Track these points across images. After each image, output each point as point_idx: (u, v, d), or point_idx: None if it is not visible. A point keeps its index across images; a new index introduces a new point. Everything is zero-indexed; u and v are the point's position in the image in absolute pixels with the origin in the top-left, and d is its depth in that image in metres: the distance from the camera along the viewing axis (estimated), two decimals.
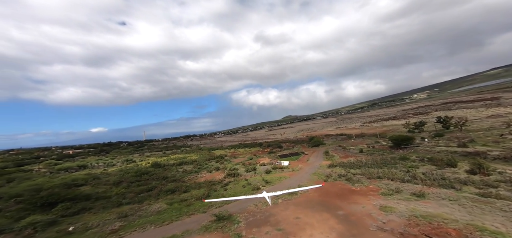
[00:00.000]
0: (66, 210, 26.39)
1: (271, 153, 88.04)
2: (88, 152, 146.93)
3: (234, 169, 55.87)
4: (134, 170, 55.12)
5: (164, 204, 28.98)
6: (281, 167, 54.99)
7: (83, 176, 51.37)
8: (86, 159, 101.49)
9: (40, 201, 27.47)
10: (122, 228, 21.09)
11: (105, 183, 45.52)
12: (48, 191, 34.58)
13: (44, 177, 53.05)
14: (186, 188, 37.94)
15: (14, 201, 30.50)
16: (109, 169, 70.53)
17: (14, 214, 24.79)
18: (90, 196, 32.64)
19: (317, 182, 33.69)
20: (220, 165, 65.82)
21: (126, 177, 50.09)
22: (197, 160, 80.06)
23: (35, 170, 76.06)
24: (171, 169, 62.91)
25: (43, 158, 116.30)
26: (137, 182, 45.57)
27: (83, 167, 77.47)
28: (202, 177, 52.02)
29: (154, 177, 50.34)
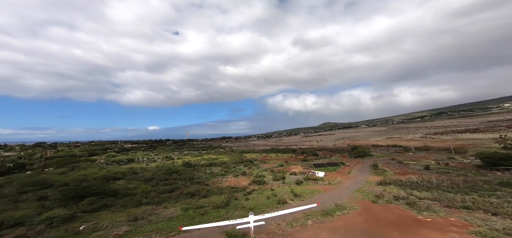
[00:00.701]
0: (90, 205, 26.44)
1: (305, 161, 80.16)
2: (140, 147, 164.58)
3: (260, 175, 51.26)
4: (166, 168, 56.10)
5: (179, 209, 26.41)
6: (315, 178, 47.71)
7: (124, 170, 54.72)
8: (136, 153, 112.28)
9: (72, 193, 28.55)
10: (126, 234, 18.95)
11: (139, 178, 46.86)
12: (87, 183, 36.78)
13: (95, 168, 58.80)
14: (206, 193, 35.12)
15: (60, 189, 32.86)
16: (150, 165, 75.01)
17: (39, 206, 25.93)
18: (117, 192, 32.85)
19: (353, 203, 26.76)
20: (248, 170, 62.11)
21: (158, 174, 50.94)
22: (227, 162, 78.44)
23: (97, 161, 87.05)
24: (199, 169, 62.30)
25: (109, 150, 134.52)
26: (165, 180, 45.38)
27: (131, 161, 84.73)
28: (227, 181, 49.02)
29: (182, 176, 49.74)
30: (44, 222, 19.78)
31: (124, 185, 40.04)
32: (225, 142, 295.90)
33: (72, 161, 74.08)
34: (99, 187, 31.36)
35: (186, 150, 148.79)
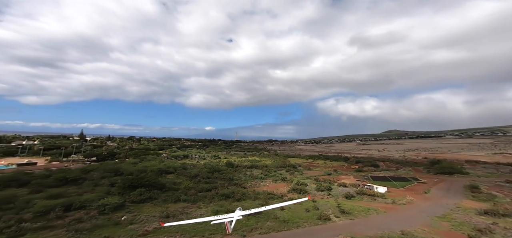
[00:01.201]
0: (138, 195, 29.11)
1: (360, 172, 68.98)
2: (196, 145, 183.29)
3: (302, 183, 46.26)
4: (210, 166, 58.48)
5: (210, 210, 25.60)
6: (373, 193, 39.36)
7: (177, 165, 60.30)
8: (192, 150, 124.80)
9: (129, 183, 32.42)
10: (155, 231, 19.07)
11: (186, 174, 50.25)
12: (144, 174, 41.61)
13: (156, 161, 67.29)
14: (241, 196, 33.50)
15: (122, 178, 38.30)
16: (200, 162, 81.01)
17: (105, 192, 30.14)
18: (164, 186, 35.43)
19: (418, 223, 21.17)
20: (289, 176, 57.71)
21: (202, 171, 53.41)
22: (269, 165, 75.96)
23: (162, 154, 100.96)
24: (240, 171, 62.17)
25: (173, 146, 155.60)
26: (207, 178, 46.75)
27: (186, 157, 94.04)
28: (266, 186, 46.35)
29: (223, 176, 50.31)
30: (98, 208, 22.58)
31: (172, 180, 43.29)
32: (271, 145, 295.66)
33: (144, 153, 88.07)
34: (150, 179, 34.52)
35: (233, 150, 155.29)
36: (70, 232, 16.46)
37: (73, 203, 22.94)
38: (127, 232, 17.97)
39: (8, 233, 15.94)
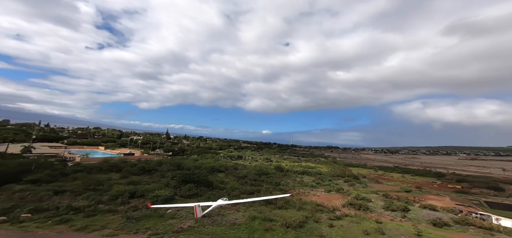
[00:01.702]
0: (187, 190, 31.30)
1: (462, 194, 51.27)
2: (252, 147, 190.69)
3: (364, 198, 37.95)
4: (258, 169, 57.75)
5: (247, 216, 23.98)
6: (488, 226, 27.56)
7: (229, 164, 63.26)
8: (246, 152, 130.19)
9: (182, 177, 35.73)
10: (188, 230, 19.15)
11: (235, 174, 51.42)
12: (198, 171, 45.39)
13: (212, 159, 73.20)
14: (284, 204, 30.31)
15: (178, 172, 43.08)
16: (252, 163, 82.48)
17: (165, 183, 34.13)
18: (211, 184, 37.03)
19: None
20: (347, 187, 49.12)
21: (251, 173, 53.33)
22: (324, 173, 67.93)
23: (221, 154, 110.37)
24: (290, 176, 58.16)
25: (231, 147, 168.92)
26: (254, 180, 45.89)
27: (240, 158, 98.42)
28: (315, 195, 40.86)
29: (270, 180, 48.22)
30: (152, 198, 25.49)
31: (221, 178, 45.02)
32: (330, 151, 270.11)
33: (206, 151, 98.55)
34: (200, 176, 36.91)
35: (287, 154, 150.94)
36: (123, 218, 18.70)
37: (136, 191, 26.94)
38: (165, 226, 18.80)
39: (86, 211, 19.83)
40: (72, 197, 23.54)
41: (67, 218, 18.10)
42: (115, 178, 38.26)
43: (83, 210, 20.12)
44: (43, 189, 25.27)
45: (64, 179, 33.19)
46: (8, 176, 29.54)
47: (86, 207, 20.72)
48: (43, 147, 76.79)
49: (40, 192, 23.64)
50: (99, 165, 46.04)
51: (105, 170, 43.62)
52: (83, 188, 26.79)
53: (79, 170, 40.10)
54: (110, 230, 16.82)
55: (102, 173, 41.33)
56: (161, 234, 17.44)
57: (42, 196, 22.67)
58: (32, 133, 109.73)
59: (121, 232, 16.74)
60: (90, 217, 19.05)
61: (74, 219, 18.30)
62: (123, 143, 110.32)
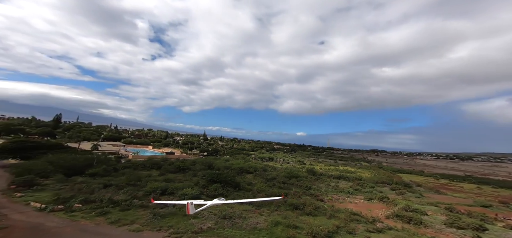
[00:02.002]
0: (213, 190, 31.77)
1: None
2: (284, 149, 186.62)
3: (416, 209, 31.70)
4: (288, 171, 55.17)
5: (269, 221, 22.50)
6: None
7: (259, 166, 62.65)
8: (278, 154, 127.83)
9: (211, 177, 36.63)
10: (207, 231, 18.90)
11: (264, 176, 50.29)
12: (227, 171, 46.12)
13: (242, 160, 73.85)
14: (313, 210, 27.56)
15: (209, 172, 44.61)
16: (283, 166, 79.99)
17: (194, 182, 35.54)
18: (238, 185, 36.82)
19: None
20: (394, 196, 42.12)
21: (280, 176, 51.35)
22: (365, 178, 60.37)
23: (252, 155, 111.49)
24: (323, 180, 53.54)
25: (263, 148, 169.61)
26: (282, 183, 43.83)
27: (271, 159, 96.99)
28: (352, 203, 36.16)
29: (300, 183, 45.28)
30: (180, 196, 26.68)
31: (249, 180, 44.56)
32: (375, 155, 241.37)
33: (238, 153, 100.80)
34: (227, 177, 37.21)
35: (323, 157, 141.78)
36: (151, 215, 19.80)
37: (167, 189, 28.73)
38: (186, 226, 19.03)
39: (123, 205, 21.87)
40: (116, 191, 26.53)
41: (106, 211, 20.24)
42: (155, 174, 41.97)
43: (121, 204, 22.25)
44: (96, 182, 29.44)
45: (115, 174, 38.15)
46: (76, 169, 35.73)
47: (123, 201, 22.89)
48: (108, 145, 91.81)
49: (93, 185, 27.54)
50: (144, 162, 51.70)
51: (148, 167, 48.58)
52: (126, 183, 30.12)
53: (128, 166, 45.72)
54: (137, 225, 17.93)
55: (145, 170, 46.09)
56: (181, 233, 17.63)
57: (94, 189, 26.25)
58: (103, 133, 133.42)
59: (146, 228, 17.62)
60: (124, 211, 20.85)
61: (112, 212, 20.32)
62: (167, 143, 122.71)
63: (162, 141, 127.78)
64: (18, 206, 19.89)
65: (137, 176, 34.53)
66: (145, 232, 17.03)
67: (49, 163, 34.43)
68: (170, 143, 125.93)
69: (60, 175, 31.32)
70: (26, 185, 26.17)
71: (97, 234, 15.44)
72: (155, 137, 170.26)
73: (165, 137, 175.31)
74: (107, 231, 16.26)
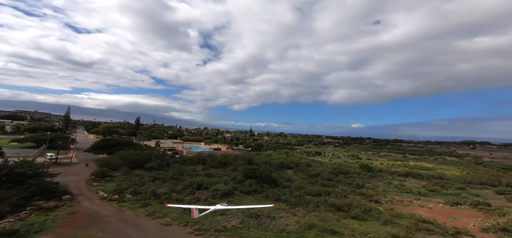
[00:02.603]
0: (248, 186, 31.24)
1: None
2: (336, 142, 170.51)
3: None
4: (336, 167, 49.14)
5: (302, 222, 19.97)
6: None
7: (302, 161, 58.86)
8: (327, 148, 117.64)
9: (246, 172, 36.39)
10: (231, 230, 18.26)
11: (306, 172, 46.56)
12: (265, 166, 45.13)
13: (284, 155, 71.17)
14: (360, 213, 22.99)
15: (245, 167, 44.65)
16: (332, 160, 72.65)
17: (232, 177, 36.09)
18: (275, 181, 35.11)
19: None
20: (503, 203, 30.82)
21: (326, 171, 46.41)
22: (451, 177, 47.24)
23: (298, 150, 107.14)
24: (382, 177, 44.92)
25: (311, 142, 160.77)
26: (327, 180, 39.25)
27: (318, 154, 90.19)
28: (425, 207, 28.37)
29: (349, 181, 39.52)
30: (212, 192, 27.42)
31: (289, 175, 42.15)
32: (469, 148, 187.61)
33: (282, 147, 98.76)
34: (263, 172, 36.16)
35: (386, 151, 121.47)
36: (181, 209, 20.91)
37: (202, 183, 30.22)
38: (211, 223, 19.07)
39: (162, 198, 24.16)
40: (161, 184, 29.92)
41: (148, 203, 22.80)
42: (199, 169, 45.54)
43: (160, 196, 24.70)
44: (149, 175, 34.17)
45: (167, 168, 43.60)
46: (138, 164, 42.83)
47: (163, 194, 25.35)
48: (169, 142, 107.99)
49: (145, 177, 32.08)
50: (192, 157, 57.34)
51: (194, 162, 53.45)
52: (170, 177, 33.69)
53: (179, 161, 51.55)
54: (168, 219, 19.23)
55: (192, 164, 50.83)
56: (204, 230, 17.71)
57: (144, 181, 30.45)
58: (167, 132, 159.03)
59: (175, 223, 18.63)
60: (162, 204, 22.93)
61: (152, 204, 22.72)
62: (216, 140, 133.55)
63: (212, 138, 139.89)
64: (91, 194, 25.09)
65: (181, 171, 38.08)
66: (173, 226, 18.01)
67: (120, 158, 42.67)
68: (219, 139, 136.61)
69: (125, 168, 38.18)
70: (102, 176, 33.09)
71: (133, 225, 17.36)
72: (208, 134, 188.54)
73: (216, 134, 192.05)
74: (142, 223, 18.09)
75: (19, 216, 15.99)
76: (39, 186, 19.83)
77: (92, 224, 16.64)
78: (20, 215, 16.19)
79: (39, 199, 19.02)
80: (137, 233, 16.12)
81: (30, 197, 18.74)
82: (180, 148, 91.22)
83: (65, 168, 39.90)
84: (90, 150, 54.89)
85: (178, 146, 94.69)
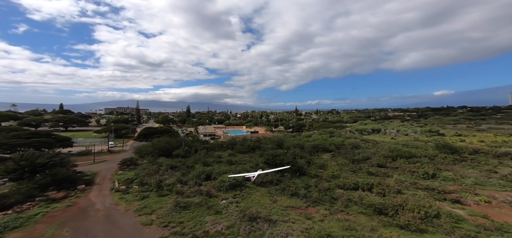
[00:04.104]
0: (264, 176, 27.14)
1: None
2: (406, 116, 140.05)
3: None
4: (393, 148, 38.11)
5: (315, 232, 14.69)
6: None
7: (347, 141, 49.14)
8: (391, 123, 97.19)
9: (267, 159, 32.20)
10: (214, 235, 15.04)
11: (350, 156, 38.05)
12: (295, 150, 39.55)
13: (321, 135, 61.63)
14: (417, 220, 15.42)
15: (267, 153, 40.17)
16: (397, 138, 58.62)
17: (253, 163, 32.72)
18: (300, 169, 29.51)
19: None
20: None
21: (379, 155, 36.74)
22: None
23: (346, 128, 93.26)
24: (476, 162, 31.59)
25: (371, 118, 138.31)
26: (377, 167, 30.56)
27: (377, 131, 75.41)
28: None
29: (412, 168, 29.41)
30: (219, 183, 24.93)
31: (323, 161, 35.36)
32: None
33: (328, 126, 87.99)
34: (284, 159, 31.03)
35: (493, 121, 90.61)
36: (172, 205, 19.28)
37: (212, 173, 28.22)
38: (196, 225, 16.50)
39: (166, 190, 23.46)
40: (172, 173, 29.86)
41: (146, 196, 22.41)
42: (224, 155, 44.63)
43: (165, 187, 24.08)
44: (168, 162, 35.17)
45: (194, 155, 44.53)
46: (167, 151, 45.26)
47: (169, 185, 24.67)
48: (211, 127, 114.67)
49: (163, 166, 32.99)
50: (221, 142, 57.46)
51: (224, 147, 53.16)
52: (186, 165, 33.52)
53: (206, 147, 51.87)
54: (153, 217, 17.84)
55: (221, 150, 50.64)
56: (182, 234, 15.26)
57: (159, 169, 31.17)
58: (213, 118, 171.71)
59: (156, 222, 17.00)
60: (160, 197, 22.12)
61: (151, 197, 22.19)
62: (256, 122, 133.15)
63: (252, 121, 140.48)
64: (108, 183, 27.15)
65: (203, 158, 37.38)
66: (152, 226, 16.41)
67: (151, 146, 46.31)
68: (260, 122, 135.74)
69: (151, 157, 40.93)
70: (128, 164, 35.92)
71: (111, 224, 16.75)
72: (254, 117, 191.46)
73: (260, 116, 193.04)
74: (123, 221, 17.30)
75: (21, 208, 17.97)
76: (55, 176, 22.27)
77: (73, 220, 16.96)
78: (23, 206, 18.19)
79: (53, 189, 21.35)
80: (105, 234, 15.22)
81: (45, 187, 21.21)
82: (221, 132, 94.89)
83: (112, 156, 46.17)
84: (136, 138, 63.35)
85: (219, 131, 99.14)
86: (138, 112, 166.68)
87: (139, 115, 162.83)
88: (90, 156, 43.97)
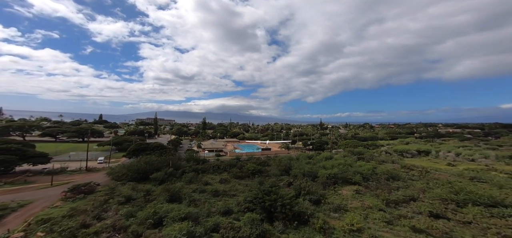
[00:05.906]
0: (243, 224, 18.71)
1: None
2: (467, 134, 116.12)
3: None
4: (455, 184, 26.15)
5: None
6: None
7: (380, 169, 37.39)
8: (446, 143, 79.26)
9: (252, 198, 23.72)
10: None
11: (382, 192, 27.20)
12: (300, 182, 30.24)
13: (349, 158, 50.02)
14: None
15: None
16: (460, 165, 44.52)
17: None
18: (299, 215, 20.29)
19: None
20: None
21: (430, 194, 25.44)
22: None
23: (381, 147, 78.31)
24: None
25: (415, 134, 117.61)
26: (430, 216, 19.74)
27: (425, 153, 60.56)
28: None
29: (492, 222, 18.01)
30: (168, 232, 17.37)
31: (339, 200, 25.29)
32: None
33: (355, 145, 74.55)
34: (276, 199, 22.21)
35: None
36: None
37: (166, 217, 20.74)
38: None
39: None
40: (123, 208, 23.26)
41: None
42: (216, 180, 37.55)
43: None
44: (143, 187, 29.24)
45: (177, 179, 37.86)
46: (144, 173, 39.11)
47: (89, 236, 17.90)
48: (219, 142, 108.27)
49: (123, 194, 26.87)
50: (220, 162, 50.13)
51: (220, 168, 45.88)
52: (147, 199, 26.69)
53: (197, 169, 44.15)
54: None
55: (216, 172, 43.44)
56: None
57: (108, 203, 24.87)
58: (228, 130, 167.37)
59: None
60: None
61: None
62: (271, 137, 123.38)
63: (268, 135, 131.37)
64: (19, 223, 21.57)
65: (169, 188, 29.92)
66: None
67: (126, 167, 39.96)
68: (277, 136, 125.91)
69: (124, 179, 35.28)
70: (80, 190, 29.16)
71: None
72: (274, 130, 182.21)
73: (280, 129, 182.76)
74: None
75: None
76: None
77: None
78: None
79: None
80: None
81: None
82: (231, 147, 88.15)
83: (87, 175, 40.85)
84: (127, 155, 59.26)
85: (229, 146, 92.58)
86: (156, 123, 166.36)
87: (157, 127, 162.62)
88: (64, 174, 40.46)
